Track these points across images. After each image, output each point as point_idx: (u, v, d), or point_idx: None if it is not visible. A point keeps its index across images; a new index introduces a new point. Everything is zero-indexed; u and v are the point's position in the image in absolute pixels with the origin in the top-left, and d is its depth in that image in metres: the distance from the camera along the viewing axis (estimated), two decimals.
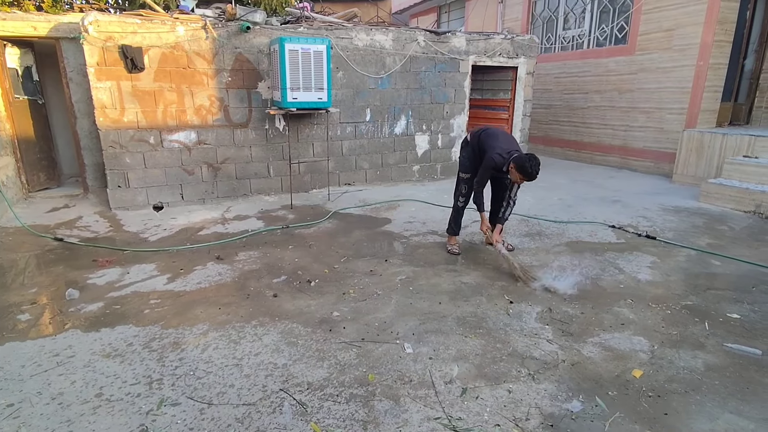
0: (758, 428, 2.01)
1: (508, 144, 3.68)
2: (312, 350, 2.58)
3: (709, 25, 6.37)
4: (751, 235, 4.60)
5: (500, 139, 3.73)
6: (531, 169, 3.38)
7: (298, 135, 6.12)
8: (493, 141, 3.70)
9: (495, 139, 3.72)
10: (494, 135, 3.79)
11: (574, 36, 8.64)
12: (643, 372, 2.40)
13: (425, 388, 2.26)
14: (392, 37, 6.31)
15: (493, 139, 3.72)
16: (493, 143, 3.67)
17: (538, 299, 3.23)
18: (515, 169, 3.48)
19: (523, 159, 3.41)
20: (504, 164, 3.56)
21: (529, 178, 3.44)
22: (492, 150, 3.62)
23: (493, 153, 3.60)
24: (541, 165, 3.43)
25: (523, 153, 3.52)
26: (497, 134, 3.81)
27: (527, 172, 3.40)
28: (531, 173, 3.40)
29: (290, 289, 3.38)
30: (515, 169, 3.48)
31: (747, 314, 3.02)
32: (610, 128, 8.00)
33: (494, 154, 3.59)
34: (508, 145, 3.67)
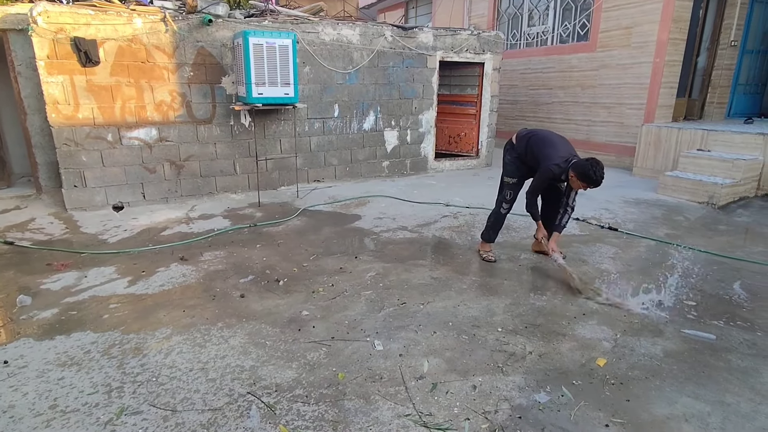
0: (713, 410, 2.11)
1: (564, 150, 3.37)
2: (280, 351, 2.53)
3: (664, 24, 6.61)
4: (704, 225, 4.82)
5: (556, 145, 3.40)
6: (595, 176, 3.10)
7: (264, 131, 6.00)
8: (548, 149, 3.37)
9: (549, 146, 3.39)
10: (548, 141, 3.46)
11: (539, 33, 8.81)
12: (607, 360, 2.47)
13: (396, 385, 2.26)
14: (359, 32, 6.26)
15: (548, 147, 3.39)
16: (549, 151, 3.35)
17: (506, 292, 3.28)
18: (577, 178, 3.20)
19: (585, 166, 3.13)
20: (562, 173, 3.29)
21: (594, 185, 3.16)
22: (548, 160, 3.31)
23: (550, 164, 3.29)
24: (604, 170, 3.15)
25: (582, 159, 3.24)
26: (551, 140, 3.47)
27: (591, 179, 3.12)
28: (596, 180, 3.11)
29: (258, 288, 3.31)
30: (577, 178, 3.20)
31: (702, 300, 3.15)
32: (574, 123, 8.20)
33: (552, 164, 3.28)
34: (564, 151, 3.35)
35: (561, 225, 3.55)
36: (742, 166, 5.43)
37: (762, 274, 3.57)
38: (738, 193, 5.53)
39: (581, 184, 3.21)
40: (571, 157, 3.30)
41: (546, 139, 3.48)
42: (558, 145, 3.40)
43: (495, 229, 3.89)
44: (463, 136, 7.90)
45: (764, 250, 4.11)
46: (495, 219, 3.87)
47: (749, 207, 5.42)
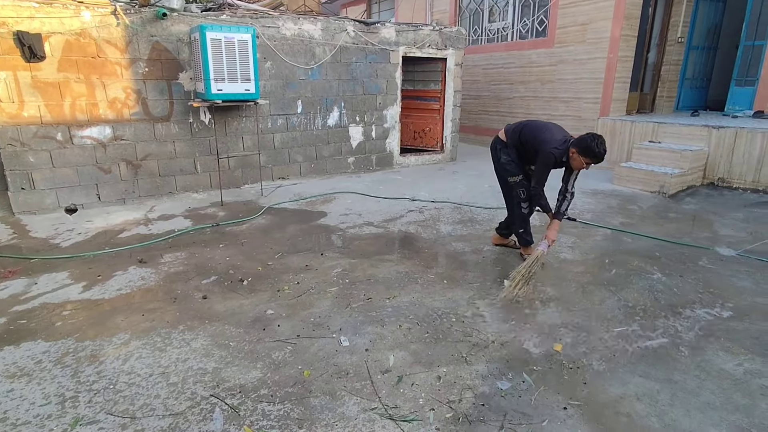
0: (662, 388, 2.22)
1: (559, 133, 3.32)
2: (245, 351, 2.50)
3: (617, 20, 6.86)
4: (656, 213, 5.06)
5: (551, 130, 3.36)
6: (598, 148, 3.01)
7: (225, 128, 5.86)
8: (543, 134, 3.33)
9: (545, 131, 3.35)
10: (541, 127, 3.43)
11: (499, 29, 8.97)
12: (563, 345, 2.56)
13: (362, 380, 2.27)
14: (321, 27, 6.19)
15: (543, 132, 3.35)
16: (545, 136, 3.30)
17: (470, 283, 3.34)
18: (579, 153, 3.10)
19: (586, 140, 3.05)
20: (563, 155, 3.22)
21: (597, 159, 3.05)
22: (546, 144, 3.24)
23: (549, 148, 3.22)
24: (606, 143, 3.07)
25: (584, 134, 3.15)
26: (544, 125, 3.45)
27: (594, 152, 3.02)
28: (599, 152, 3.02)
29: (221, 289, 3.25)
30: (579, 153, 3.10)
31: (654, 285, 3.31)
32: (535, 117, 8.37)
33: (551, 148, 3.21)
34: (559, 134, 3.32)
35: (561, 212, 3.44)
36: (689, 156, 5.72)
37: (707, 257, 3.79)
38: (686, 182, 5.83)
39: (584, 161, 3.10)
40: (568, 137, 3.27)
41: (539, 125, 3.45)
42: (552, 130, 3.36)
43: (527, 231, 3.73)
44: (428, 131, 7.97)
45: (709, 235, 4.36)
46: (521, 221, 3.70)
47: (696, 195, 5.72)
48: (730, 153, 5.78)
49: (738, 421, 2.01)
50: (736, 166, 5.74)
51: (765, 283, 3.34)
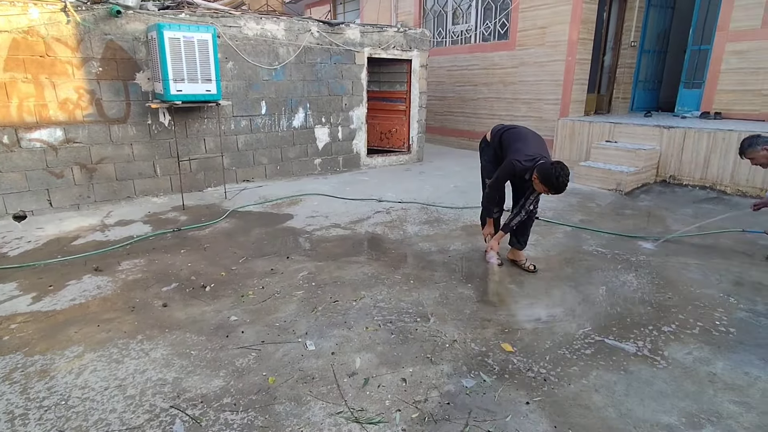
0: (619, 379, 2.31)
1: (535, 147, 3.16)
2: (207, 360, 2.43)
3: (574, 24, 7.10)
4: (614, 210, 5.26)
5: (527, 140, 3.21)
6: (557, 181, 2.88)
7: (186, 130, 5.70)
8: (517, 143, 3.19)
9: (520, 141, 3.20)
10: (520, 136, 3.27)
11: (462, 31, 9.11)
12: (515, 345, 2.63)
13: (328, 384, 2.25)
14: (284, 27, 6.12)
15: (518, 141, 3.21)
16: (518, 146, 3.17)
17: (436, 283, 3.38)
18: (539, 180, 2.98)
19: (549, 169, 2.90)
20: (526, 172, 3.09)
21: (555, 190, 2.94)
22: (515, 153, 3.12)
23: (513, 158, 3.11)
24: (569, 177, 2.93)
25: (551, 161, 3.02)
26: (524, 135, 3.28)
27: (552, 183, 2.90)
28: (558, 186, 2.90)
29: (182, 296, 3.15)
30: (539, 180, 2.98)
31: (611, 279, 3.44)
32: (498, 118, 8.59)
33: (515, 159, 3.10)
34: (534, 148, 3.14)
35: (509, 225, 3.39)
36: (643, 155, 5.98)
37: (659, 251, 3.97)
38: (641, 180, 6.09)
39: (543, 188, 3.00)
40: (540, 157, 3.07)
41: (519, 134, 3.30)
42: (529, 142, 3.21)
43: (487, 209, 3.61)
44: (395, 132, 8.00)
45: (662, 230, 4.57)
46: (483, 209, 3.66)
47: (650, 192, 5.99)
48: (680, 152, 6.07)
49: (687, 408, 2.11)
50: (685, 164, 6.04)
51: (712, 274, 3.53)
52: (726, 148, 5.63)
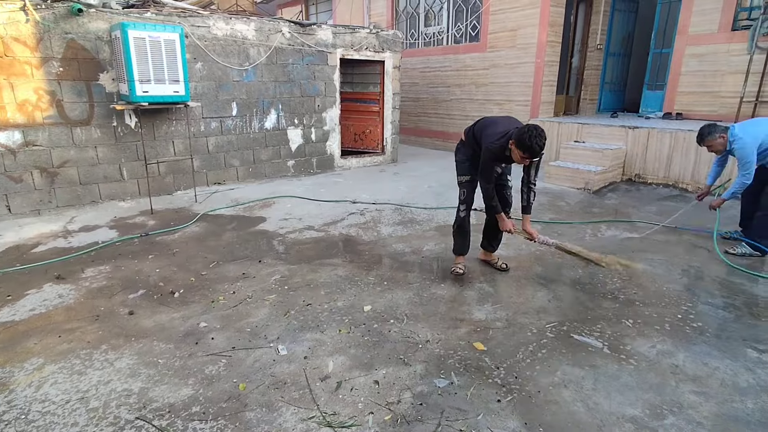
0: (587, 374, 2.37)
1: (504, 125, 3.06)
2: (175, 368, 2.37)
3: (543, 27, 7.25)
4: (582, 209, 5.39)
5: (495, 123, 3.15)
6: (530, 141, 2.75)
7: (154, 132, 5.55)
8: (487, 129, 3.13)
9: (489, 126, 3.14)
10: (489, 122, 3.20)
11: (435, 33, 9.19)
12: (486, 344, 2.66)
13: (300, 389, 2.23)
14: (255, 27, 6.03)
15: (488, 127, 3.15)
16: (488, 131, 3.10)
17: (410, 284, 3.39)
18: (515, 146, 2.87)
19: (522, 132, 2.80)
20: (504, 148, 2.98)
21: (530, 152, 2.81)
22: (487, 138, 3.06)
23: (486, 142, 3.05)
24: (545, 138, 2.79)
25: (524, 125, 2.90)
26: (493, 121, 3.21)
27: (525, 144, 2.77)
28: (530, 145, 2.76)
29: (150, 303, 3.07)
30: (515, 146, 2.87)
31: (580, 276, 3.53)
32: (471, 119, 8.65)
33: (488, 143, 3.03)
34: (504, 126, 3.05)
35: (529, 205, 3.30)
36: (609, 154, 6.16)
37: (627, 247, 4.09)
38: (608, 179, 6.27)
39: (520, 155, 2.87)
40: (512, 130, 2.96)
41: (489, 120, 3.23)
42: (498, 123, 3.13)
43: (462, 236, 3.50)
44: (369, 133, 8.00)
45: (628, 227, 4.71)
46: (457, 226, 3.50)
47: (617, 190, 6.17)
48: (644, 151, 6.28)
49: (651, 399, 2.18)
50: (649, 162, 6.25)
51: (675, 269, 3.66)
52: (687, 148, 5.86)
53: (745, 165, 3.71)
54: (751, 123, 3.92)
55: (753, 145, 3.69)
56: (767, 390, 2.24)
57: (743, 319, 2.92)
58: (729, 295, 3.25)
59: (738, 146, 3.75)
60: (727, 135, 3.83)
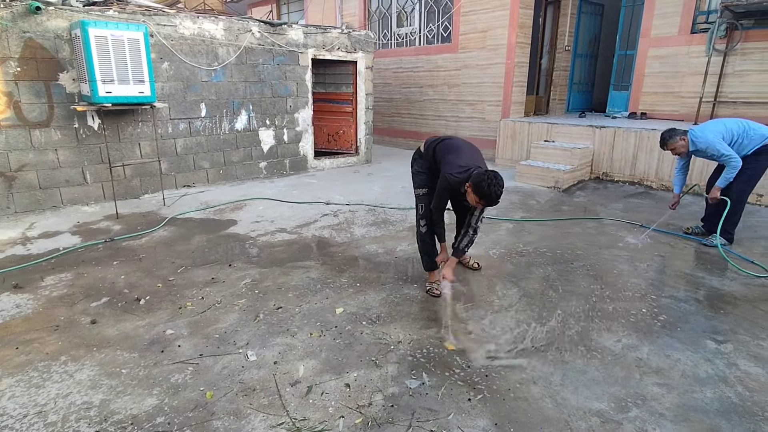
0: (555, 370, 2.41)
1: (467, 158, 2.91)
2: (139, 378, 2.30)
3: (512, 29, 7.36)
4: (552, 207, 5.50)
5: (459, 151, 2.99)
6: (489, 189, 2.61)
7: (119, 134, 5.38)
8: (450, 156, 2.96)
9: (453, 153, 2.97)
10: (453, 147, 3.03)
11: (407, 33, 9.22)
12: (458, 344, 2.68)
13: (270, 395, 2.19)
14: (223, 27, 5.92)
15: (451, 153, 2.98)
16: (451, 159, 2.93)
17: (382, 285, 3.38)
18: (471, 190, 2.72)
19: (481, 177, 2.64)
20: (461, 184, 2.84)
21: (488, 200, 2.67)
22: (449, 167, 2.89)
23: (446, 171, 2.88)
24: (502, 187, 2.66)
25: (484, 170, 2.76)
26: (456, 146, 3.04)
27: (484, 193, 2.63)
28: (489, 195, 2.63)
29: (113, 311, 2.96)
30: (471, 190, 2.72)
31: (548, 274, 3.59)
32: (444, 119, 8.77)
33: (448, 173, 2.86)
34: (466, 159, 2.90)
35: (459, 248, 3.09)
36: (578, 153, 6.30)
37: (593, 246, 4.19)
38: (576, 177, 6.41)
39: (475, 198, 2.73)
40: (474, 167, 2.82)
41: (452, 145, 3.05)
42: (462, 152, 2.97)
43: (427, 252, 3.29)
44: (342, 134, 7.97)
45: (596, 224, 4.83)
46: (420, 241, 3.29)
47: (585, 188, 6.32)
48: (611, 150, 6.45)
49: (617, 393, 2.23)
50: (616, 161, 6.43)
51: (640, 264, 3.77)
52: (651, 146, 6.05)
53: (723, 156, 3.82)
54: (707, 124, 4.09)
55: (717, 139, 3.83)
56: (725, 380, 2.33)
57: (704, 312, 3.03)
58: (691, 288, 3.37)
59: (705, 145, 3.87)
60: (688, 137, 3.97)
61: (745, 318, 2.94)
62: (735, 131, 3.89)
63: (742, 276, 3.57)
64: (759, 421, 2.05)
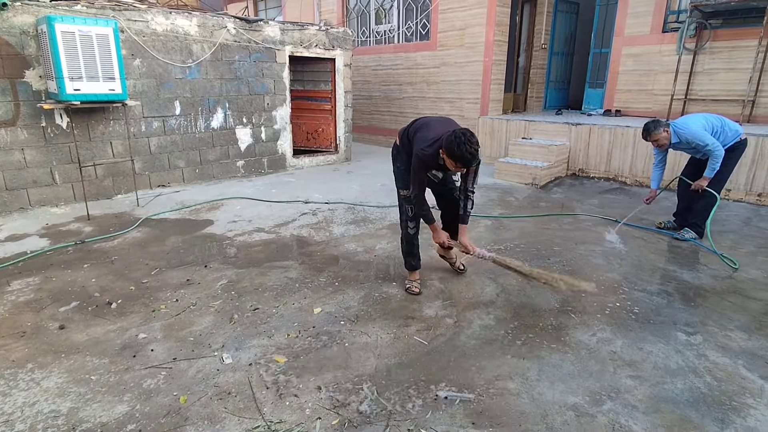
0: (531, 365, 2.43)
1: (438, 129, 2.73)
2: (109, 384, 2.23)
3: (490, 27, 7.41)
4: (530, 203, 5.56)
5: (429, 126, 2.83)
6: (459, 149, 2.47)
7: (89, 133, 5.22)
8: (420, 132, 2.83)
9: (422, 129, 2.84)
10: (422, 124, 2.89)
11: (386, 31, 9.20)
12: (435, 340, 2.69)
13: (245, 398, 2.15)
14: (197, 23, 5.80)
15: (421, 130, 2.84)
16: (422, 134, 2.79)
17: (361, 283, 3.37)
18: (446, 155, 2.59)
19: (450, 139, 2.50)
20: (435, 156, 2.69)
21: (462, 161, 2.53)
22: (418, 143, 2.75)
23: (417, 149, 2.75)
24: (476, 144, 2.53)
25: (452, 130, 2.57)
26: (425, 122, 2.89)
27: (455, 154, 2.49)
28: (461, 154, 2.48)
29: (83, 316, 2.88)
30: (446, 155, 2.59)
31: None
32: (423, 116, 8.76)
33: (418, 149, 2.74)
34: (439, 131, 2.69)
35: (466, 214, 3.04)
36: (555, 150, 6.39)
37: (569, 241, 4.25)
38: (554, 174, 6.50)
39: (452, 163, 2.60)
40: (442, 136, 2.63)
41: (422, 124, 2.89)
42: (432, 126, 2.81)
43: (411, 254, 3.24)
44: (321, 132, 7.90)
45: (572, 220, 4.90)
46: (406, 242, 3.22)
47: (562, 185, 6.42)
48: (586, 146, 6.56)
49: (591, 386, 2.27)
50: (591, 157, 6.54)
51: (614, 259, 3.84)
52: (625, 143, 6.17)
53: (707, 146, 3.87)
54: (688, 117, 4.14)
55: (700, 130, 3.90)
56: (695, 371, 2.39)
57: (675, 304, 3.10)
58: (662, 282, 3.45)
59: (690, 136, 3.91)
60: (670, 129, 4.04)
61: (714, 309, 3.03)
62: (714, 125, 3.98)
63: (711, 269, 3.67)
64: (727, 410, 2.11)
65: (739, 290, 3.31)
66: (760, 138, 5.18)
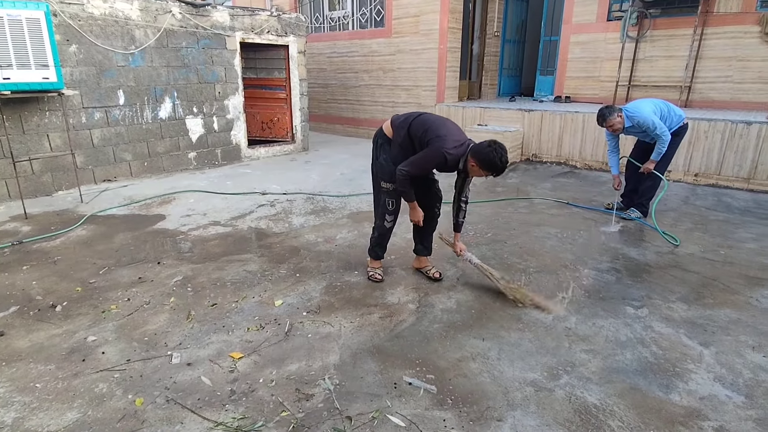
0: (492, 345, 2.50)
1: (457, 134, 2.79)
2: (57, 391, 2.10)
3: (444, 14, 7.44)
4: (487, 189, 5.68)
5: (446, 126, 2.81)
6: (501, 162, 2.65)
7: (22, 125, 4.85)
8: (438, 129, 2.78)
9: (440, 127, 2.79)
10: (436, 122, 2.84)
11: (340, 17, 9.05)
12: (399, 326, 2.72)
13: (206, 396, 2.09)
14: (139, 7, 5.47)
15: (438, 127, 2.79)
16: (440, 132, 2.76)
17: (323, 274, 3.33)
18: (478, 165, 2.70)
19: (488, 153, 2.63)
20: (458, 160, 2.76)
21: (498, 172, 2.70)
22: (441, 141, 2.71)
23: (443, 147, 2.70)
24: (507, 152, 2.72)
25: (480, 143, 2.72)
26: (440, 121, 2.86)
27: (497, 167, 2.66)
28: (501, 167, 2.67)
29: (24, 321, 2.69)
30: (478, 165, 2.70)
31: (484, 254, 3.72)
32: (380, 105, 8.75)
33: (445, 149, 2.70)
34: (457, 134, 2.78)
35: (460, 223, 3.17)
36: (509, 136, 6.55)
37: (525, 225, 4.39)
38: (509, 159, 6.66)
39: (482, 173, 2.74)
40: (467, 142, 2.79)
41: (434, 119, 2.89)
42: (450, 127, 2.83)
43: (381, 245, 3.27)
44: (277, 121, 7.72)
45: (527, 204, 5.06)
46: (379, 234, 3.21)
47: (517, 170, 6.60)
48: (539, 132, 6.76)
49: (548, 362, 2.36)
50: (544, 143, 6.75)
51: (567, 240, 4.00)
52: (575, 128, 6.40)
53: (656, 130, 4.04)
54: (637, 102, 4.30)
55: (651, 114, 4.07)
56: (642, 341, 2.54)
57: (623, 280, 3.28)
58: (611, 260, 3.63)
59: (641, 120, 4.06)
60: (623, 114, 4.20)
61: (657, 284, 3.22)
62: (662, 109, 4.19)
63: (655, 246, 3.89)
64: (671, 376, 2.25)
65: (680, 264, 3.53)
66: (696, 121, 5.52)
